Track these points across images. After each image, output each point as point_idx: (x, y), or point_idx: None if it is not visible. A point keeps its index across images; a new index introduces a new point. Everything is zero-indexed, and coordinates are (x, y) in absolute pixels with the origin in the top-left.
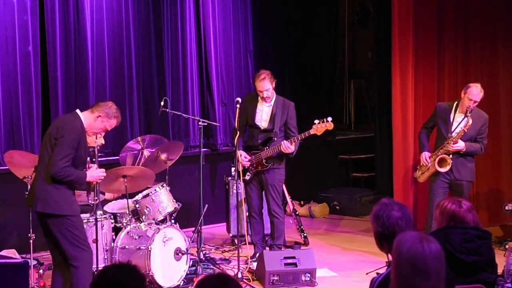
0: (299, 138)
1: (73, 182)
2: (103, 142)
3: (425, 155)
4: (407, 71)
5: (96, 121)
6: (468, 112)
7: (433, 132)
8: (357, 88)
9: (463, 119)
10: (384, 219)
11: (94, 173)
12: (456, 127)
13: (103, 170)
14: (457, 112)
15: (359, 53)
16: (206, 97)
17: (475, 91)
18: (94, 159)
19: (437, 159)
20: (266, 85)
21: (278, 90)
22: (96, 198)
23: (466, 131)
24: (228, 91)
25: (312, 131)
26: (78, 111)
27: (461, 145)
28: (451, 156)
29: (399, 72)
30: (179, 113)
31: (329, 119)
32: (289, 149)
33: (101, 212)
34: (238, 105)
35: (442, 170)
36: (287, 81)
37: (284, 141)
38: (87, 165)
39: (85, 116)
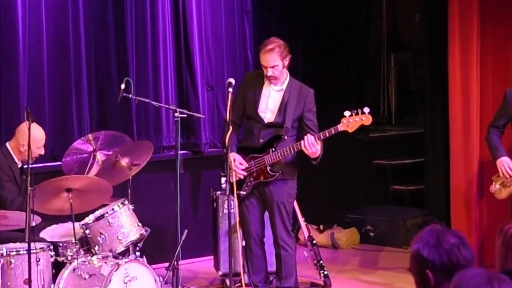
0: (324, 136)
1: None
2: (42, 153)
3: (505, 162)
4: (470, 42)
5: (23, 151)
6: None
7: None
8: (399, 65)
9: None
10: (437, 244)
11: None
12: None
13: None
14: None
15: (403, 16)
16: (185, 77)
17: None
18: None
19: None
20: (273, 59)
21: (290, 70)
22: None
23: None
24: (216, 69)
25: (341, 127)
26: (7, 144)
27: None
28: None
29: (458, 43)
30: (147, 100)
31: (366, 110)
32: (313, 147)
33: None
34: (230, 89)
35: None
36: (299, 55)
37: (308, 135)
38: None
39: (12, 146)
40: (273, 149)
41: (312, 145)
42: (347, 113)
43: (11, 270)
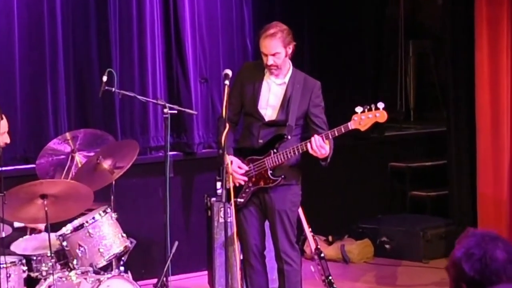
0: (332, 135)
1: None
2: (8, 141)
3: None
4: (499, 27)
5: None
6: None
7: None
8: (419, 55)
9: None
10: (482, 260)
11: None
12: None
13: None
14: None
15: None
16: (175, 68)
17: None
18: None
19: None
20: (274, 45)
21: (294, 60)
22: None
23: None
24: (211, 59)
25: (352, 125)
26: None
27: None
28: None
29: (486, 28)
30: (132, 94)
31: (380, 105)
32: (322, 149)
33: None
34: (226, 81)
35: None
36: (304, 43)
37: (316, 135)
38: None
39: None
40: (275, 150)
41: (321, 148)
42: (358, 109)
43: None
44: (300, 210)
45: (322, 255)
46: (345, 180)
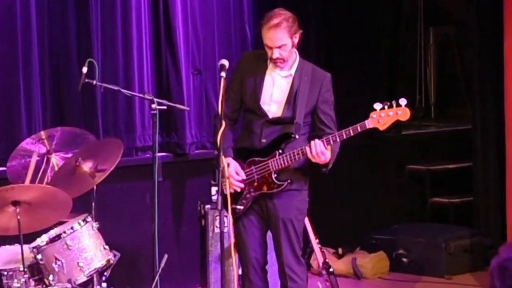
0: (347, 135)
1: None
2: None
3: None
4: None
5: None
6: None
7: None
8: (440, 43)
9: None
10: None
11: None
12: None
13: None
14: None
15: None
16: (164, 58)
17: None
18: None
19: None
20: (279, 36)
21: (300, 50)
22: None
23: None
24: (205, 48)
25: (370, 123)
26: None
27: None
28: None
29: None
30: (116, 87)
31: (403, 102)
32: (322, 156)
33: None
34: (223, 73)
35: None
36: (312, 31)
37: (316, 140)
38: None
39: None
40: (280, 151)
41: (321, 154)
42: (377, 106)
43: None
44: (307, 219)
45: (331, 270)
46: (357, 185)
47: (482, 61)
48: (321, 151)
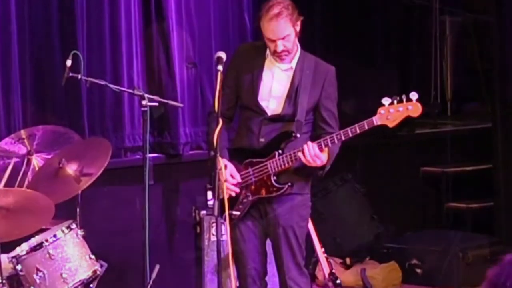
0: (353, 133)
1: None
2: None
3: None
4: None
5: None
6: None
7: None
8: (457, 34)
9: None
10: None
11: None
12: None
13: None
14: None
15: None
16: (156, 51)
17: None
18: None
19: None
20: (282, 27)
21: (302, 40)
22: None
23: None
24: (200, 39)
25: (378, 120)
26: None
27: None
28: None
29: None
30: (103, 82)
31: (414, 96)
32: (316, 159)
33: None
34: (220, 67)
35: None
36: (316, 20)
37: (309, 142)
38: None
39: None
40: (280, 151)
41: (315, 157)
42: (386, 101)
43: None
44: (311, 226)
45: (337, 281)
46: (366, 189)
47: (502, 53)
48: (315, 155)
